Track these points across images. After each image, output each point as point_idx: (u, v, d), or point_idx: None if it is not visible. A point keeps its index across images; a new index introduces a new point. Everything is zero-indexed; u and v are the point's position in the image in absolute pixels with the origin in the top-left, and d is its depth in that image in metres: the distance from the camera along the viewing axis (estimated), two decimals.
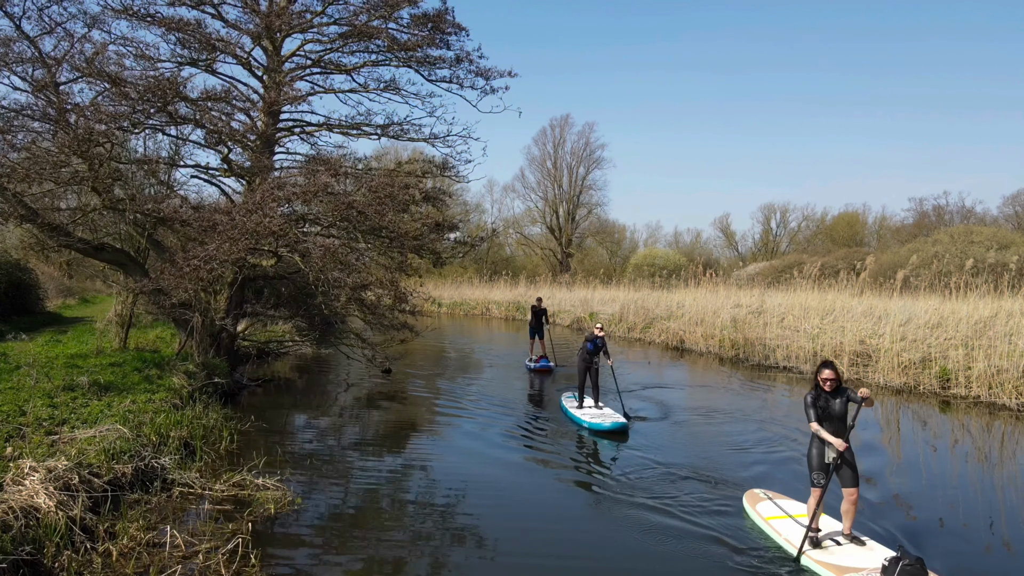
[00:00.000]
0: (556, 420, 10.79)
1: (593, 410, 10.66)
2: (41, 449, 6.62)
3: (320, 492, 7.18)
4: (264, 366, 15.55)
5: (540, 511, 6.77)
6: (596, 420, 10.00)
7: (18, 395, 8.59)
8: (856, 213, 49.73)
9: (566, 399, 11.56)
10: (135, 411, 8.45)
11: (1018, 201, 41.83)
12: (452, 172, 15.88)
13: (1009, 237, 28.19)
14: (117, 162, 12.41)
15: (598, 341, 10.92)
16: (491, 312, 36.70)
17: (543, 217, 54.43)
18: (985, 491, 7.38)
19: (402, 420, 10.88)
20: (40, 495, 5.52)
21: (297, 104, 14.27)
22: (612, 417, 10.14)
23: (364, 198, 11.43)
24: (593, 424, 9.92)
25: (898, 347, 14.07)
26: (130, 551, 5.37)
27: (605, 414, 10.35)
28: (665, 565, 5.50)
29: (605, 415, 10.28)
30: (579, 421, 10.26)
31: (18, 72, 11.80)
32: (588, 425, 9.96)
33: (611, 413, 10.51)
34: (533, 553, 5.72)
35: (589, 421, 10.01)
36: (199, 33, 13.05)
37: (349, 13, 14.05)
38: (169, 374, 10.84)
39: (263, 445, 8.64)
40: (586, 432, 9.88)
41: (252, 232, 10.30)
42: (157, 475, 7.00)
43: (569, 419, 10.64)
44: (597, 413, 10.42)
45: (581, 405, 10.91)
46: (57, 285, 25.77)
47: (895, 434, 10.06)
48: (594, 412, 10.47)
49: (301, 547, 5.76)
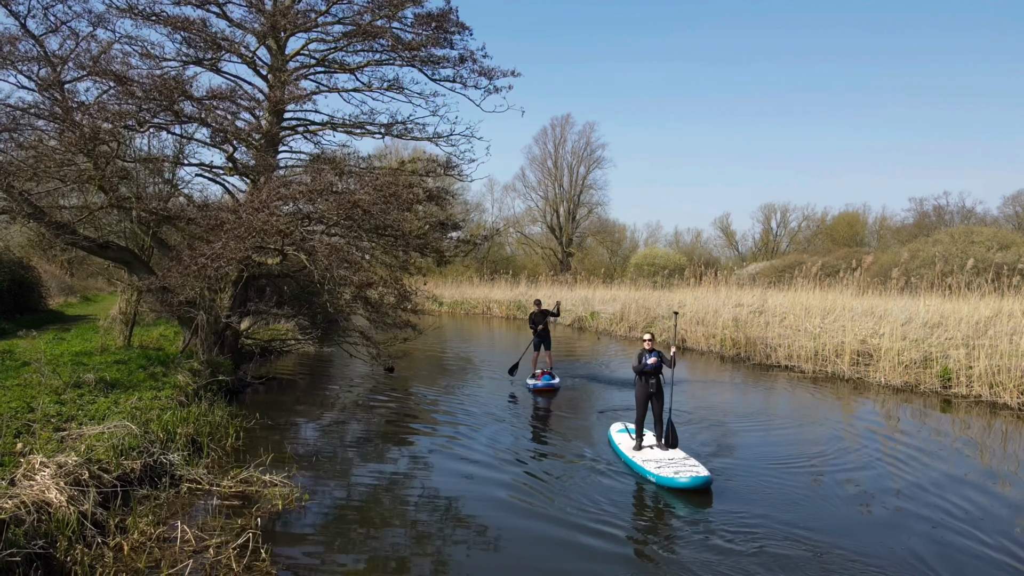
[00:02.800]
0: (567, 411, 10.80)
1: (657, 452, 8.21)
2: (51, 445, 6.68)
3: (326, 488, 7.24)
4: (267, 364, 15.61)
5: (543, 508, 6.82)
6: (666, 472, 7.47)
7: (26, 392, 8.65)
8: (856, 213, 49.82)
9: (617, 433, 9.12)
10: (142, 408, 8.51)
11: (1018, 201, 41.93)
12: (455, 171, 15.93)
13: (1010, 237, 28.24)
14: (123, 160, 12.44)
15: (652, 356, 8.33)
16: (492, 311, 36.75)
17: (543, 216, 54.48)
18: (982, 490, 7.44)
19: (405, 418, 10.93)
20: (51, 490, 5.58)
21: (301, 103, 14.32)
22: (689, 467, 7.60)
23: (369, 197, 11.47)
24: (664, 479, 7.36)
25: (899, 346, 14.13)
26: (141, 545, 5.43)
27: (675, 460, 7.91)
28: None
29: (676, 462, 7.83)
30: (642, 472, 7.76)
31: (23, 71, 11.86)
32: (656, 480, 7.44)
33: (682, 458, 8.00)
34: (534, 552, 5.77)
35: (657, 473, 7.48)
36: (204, 32, 13.09)
37: (353, 12, 14.10)
38: (174, 372, 10.89)
39: (268, 442, 8.70)
40: (651, 486, 7.48)
41: (259, 230, 10.35)
42: (165, 471, 7.05)
43: (625, 463, 8.24)
44: (664, 459, 7.94)
45: (640, 445, 8.39)
46: (59, 283, 25.80)
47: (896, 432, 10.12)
48: (660, 457, 8.01)
49: (308, 543, 5.81)
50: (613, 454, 8.66)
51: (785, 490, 7.33)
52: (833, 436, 9.74)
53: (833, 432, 9.97)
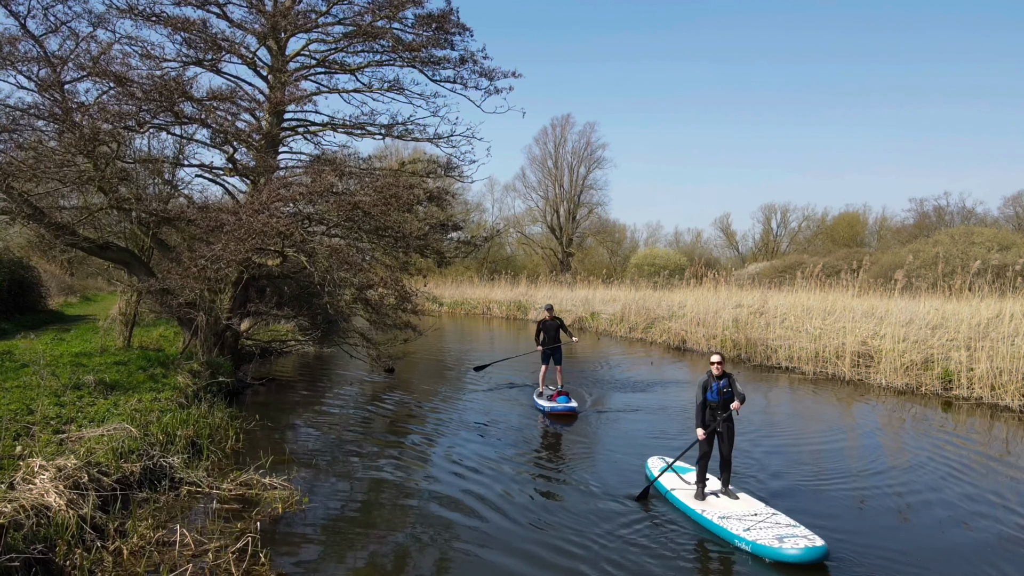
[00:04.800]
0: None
1: (727, 503, 6.41)
2: (50, 448, 6.66)
3: (326, 491, 7.22)
4: (267, 365, 15.60)
5: (543, 508, 6.80)
6: (763, 537, 5.60)
7: (25, 393, 8.63)
8: (856, 213, 49.83)
9: (660, 472, 7.19)
10: (142, 410, 8.49)
11: (1019, 202, 41.88)
12: (456, 172, 15.92)
13: (1010, 238, 28.21)
14: (122, 161, 12.42)
15: (722, 384, 6.61)
16: (492, 312, 36.74)
17: (544, 216, 54.48)
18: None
19: (405, 419, 10.90)
20: (50, 493, 5.56)
21: (302, 104, 14.33)
22: (789, 531, 5.70)
23: (369, 198, 11.45)
24: (763, 549, 5.50)
25: (900, 348, 14.11)
26: (140, 549, 5.41)
27: (762, 517, 5.99)
28: None
29: (766, 521, 5.91)
30: (722, 533, 5.92)
31: (23, 71, 11.83)
32: (752, 548, 5.56)
33: (769, 514, 6.09)
34: (535, 552, 5.75)
35: (750, 540, 5.60)
36: (204, 33, 13.07)
37: (354, 13, 14.09)
38: (174, 373, 10.88)
39: (269, 444, 8.67)
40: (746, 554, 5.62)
41: (259, 232, 10.33)
42: (165, 474, 7.03)
43: (686, 515, 6.48)
44: (745, 514, 6.09)
45: (703, 492, 6.59)
46: (59, 283, 25.80)
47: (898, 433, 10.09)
48: (737, 511, 6.18)
49: (308, 547, 5.79)
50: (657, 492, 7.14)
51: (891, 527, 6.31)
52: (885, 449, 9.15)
53: (877, 443, 9.58)
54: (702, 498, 6.55)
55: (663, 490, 7.01)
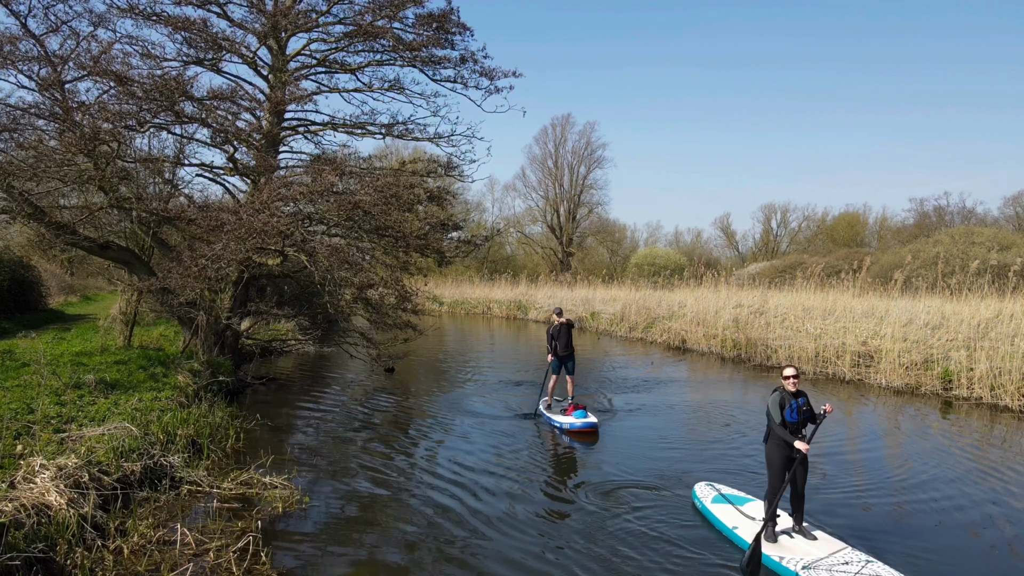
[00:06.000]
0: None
1: (804, 545, 5.56)
2: (51, 447, 6.67)
3: (326, 490, 7.22)
4: (267, 364, 15.60)
5: (544, 508, 6.81)
6: None
7: (26, 392, 8.63)
8: (857, 213, 49.84)
9: (714, 504, 6.44)
10: (142, 409, 8.50)
11: (1019, 202, 41.88)
12: (456, 172, 15.92)
13: (1010, 238, 28.23)
14: (123, 161, 12.42)
15: (800, 402, 5.65)
16: (492, 311, 36.74)
17: (544, 216, 54.49)
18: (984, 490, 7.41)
19: (405, 419, 10.91)
20: (51, 493, 5.56)
21: (302, 103, 14.32)
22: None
23: (370, 197, 11.45)
24: None
25: (900, 348, 14.11)
26: (141, 549, 5.41)
27: (854, 566, 5.16)
28: None
29: (856, 569, 5.13)
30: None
31: (24, 70, 11.81)
32: None
33: (864, 561, 5.25)
34: (537, 552, 5.76)
35: None
36: (205, 32, 13.07)
37: (354, 13, 14.10)
38: (174, 372, 10.88)
39: (269, 443, 8.68)
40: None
41: (259, 231, 10.33)
42: (166, 473, 7.03)
43: (765, 567, 5.41)
44: (834, 564, 5.22)
45: (774, 532, 5.70)
46: (59, 282, 25.82)
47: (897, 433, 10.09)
48: (823, 559, 5.32)
49: (309, 545, 5.79)
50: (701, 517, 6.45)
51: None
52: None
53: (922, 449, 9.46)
54: (773, 540, 5.64)
55: (726, 530, 6.05)
